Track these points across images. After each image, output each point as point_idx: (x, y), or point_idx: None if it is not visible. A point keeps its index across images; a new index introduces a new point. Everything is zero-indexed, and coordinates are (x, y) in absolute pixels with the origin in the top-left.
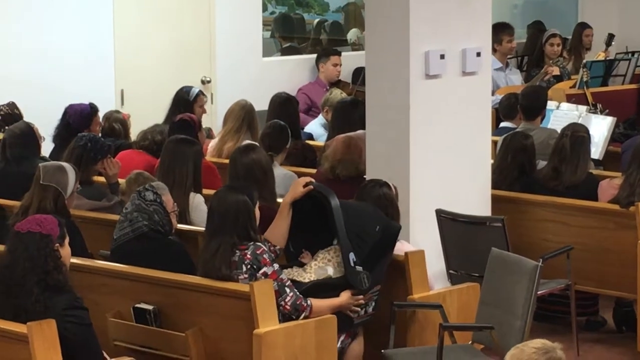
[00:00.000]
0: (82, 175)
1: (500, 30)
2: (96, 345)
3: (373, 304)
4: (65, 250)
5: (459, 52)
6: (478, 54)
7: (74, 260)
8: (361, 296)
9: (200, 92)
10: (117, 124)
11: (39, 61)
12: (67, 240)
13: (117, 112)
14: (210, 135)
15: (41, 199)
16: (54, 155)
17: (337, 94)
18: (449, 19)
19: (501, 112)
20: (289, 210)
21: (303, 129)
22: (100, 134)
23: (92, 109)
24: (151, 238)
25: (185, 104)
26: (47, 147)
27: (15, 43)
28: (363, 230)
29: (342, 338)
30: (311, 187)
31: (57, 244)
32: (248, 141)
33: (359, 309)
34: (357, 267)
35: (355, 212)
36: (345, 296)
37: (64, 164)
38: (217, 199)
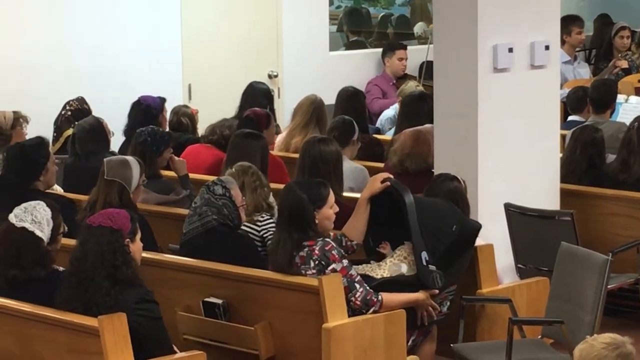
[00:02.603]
0: (148, 169)
1: (570, 22)
2: (166, 338)
3: (448, 303)
4: (136, 246)
5: (527, 45)
6: (547, 48)
7: (144, 254)
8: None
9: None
10: (185, 119)
11: (108, 56)
12: (138, 236)
13: (186, 106)
14: (277, 131)
15: (106, 194)
16: (124, 149)
17: (412, 86)
18: (518, 12)
19: (569, 105)
20: (366, 205)
21: (378, 116)
22: (167, 128)
23: (162, 101)
24: (220, 232)
25: (269, 97)
26: (116, 142)
27: (84, 39)
28: (439, 229)
29: (413, 337)
30: (388, 183)
31: (128, 239)
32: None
33: (437, 307)
34: (429, 266)
35: (432, 211)
36: (422, 294)
37: (129, 158)
38: (281, 193)
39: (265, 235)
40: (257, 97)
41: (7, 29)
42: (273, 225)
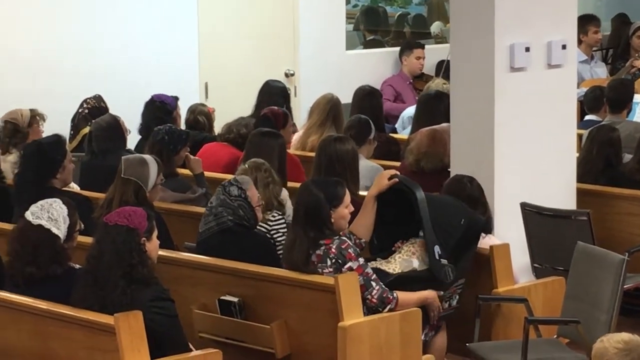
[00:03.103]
0: (165, 168)
1: (587, 21)
2: (182, 336)
3: (457, 297)
4: (153, 244)
5: (544, 44)
6: (564, 47)
7: (160, 252)
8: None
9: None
10: (201, 117)
11: (124, 55)
12: (155, 234)
13: (203, 105)
14: (294, 130)
15: (122, 192)
16: (140, 147)
17: (439, 84)
18: (535, 11)
19: (586, 104)
20: (374, 203)
21: (392, 116)
22: (182, 126)
23: (175, 100)
24: (236, 232)
25: (286, 95)
26: (132, 140)
27: (101, 37)
28: (448, 223)
29: (425, 331)
30: (396, 179)
31: (144, 238)
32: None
33: (441, 307)
34: (442, 260)
35: (440, 205)
36: (432, 292)
37: (147, 156)
38: (298, 192)
39: (275, 236)
40: (274, 95)
41: (24, 27)
42: (283, 224)
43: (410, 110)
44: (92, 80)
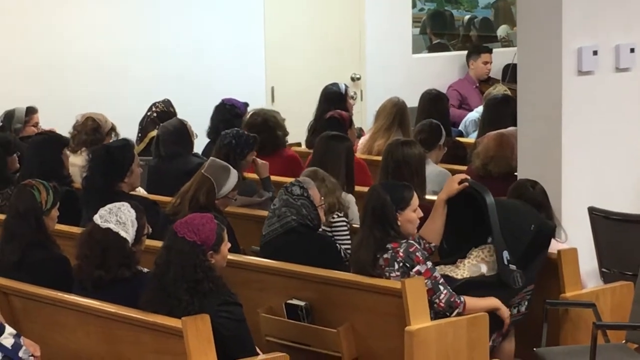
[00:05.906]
0: None
1: None
2: (250, 340)
3: (526, 303)
4: (221, 255)
5: (612, 48)
6: (632, 50)
7: (227, 256)
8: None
9: (347, 86)
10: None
11: (193, 60)
12: (224, 244)
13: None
14: (360, 134)
15: (197, 188)
16: (207, 151)
17: (500, 90)
18: (602, 14)
19: None
20: (444, 207)
21: (456, 124)
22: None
23: (245, 106)
24: (300, 232)
25: (339, 99)
26: (199, 145)
27: (170, 42)
28: (518, 229)
29: (493, 337)
30: (466, 184)
31: (211, 252)
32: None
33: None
34: (510, 265)
35: (510, 210)
36: (499, 302)
37: (233, 170)
38: (366, 195)
39: (336, 235)
40: (326, 99)
41: (96, 33)
42: (344, 224)
43: (472, 115)
44: (161, 85)
